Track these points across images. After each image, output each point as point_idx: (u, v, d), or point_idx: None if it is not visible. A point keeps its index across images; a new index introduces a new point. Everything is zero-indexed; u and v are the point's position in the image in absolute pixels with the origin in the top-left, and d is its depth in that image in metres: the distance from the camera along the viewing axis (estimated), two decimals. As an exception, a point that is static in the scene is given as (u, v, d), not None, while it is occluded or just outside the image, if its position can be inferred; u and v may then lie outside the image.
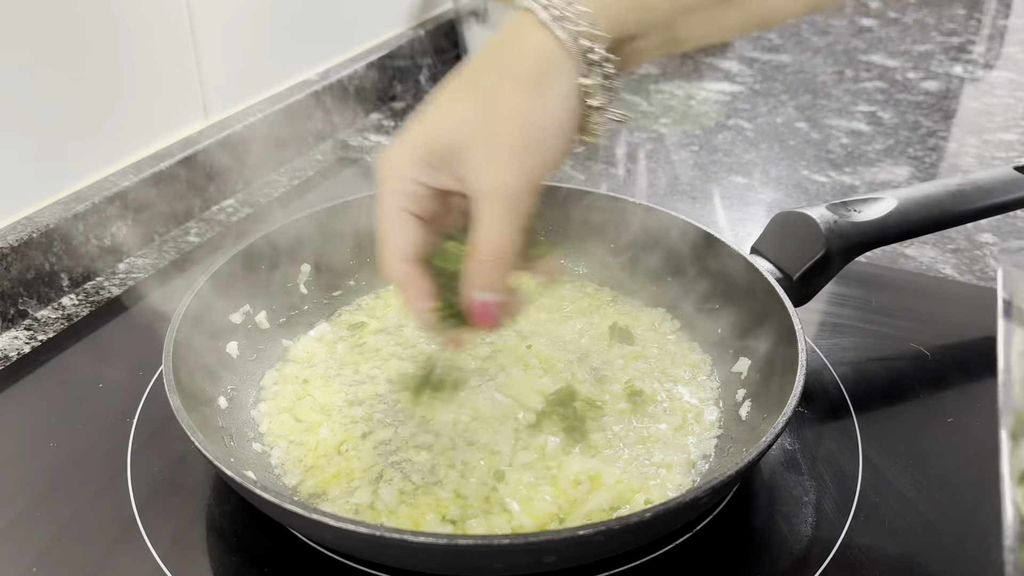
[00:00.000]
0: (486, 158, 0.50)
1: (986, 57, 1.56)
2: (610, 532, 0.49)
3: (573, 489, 0.61)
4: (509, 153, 0.50)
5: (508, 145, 0.50)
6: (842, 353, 0.78)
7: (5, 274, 0.79)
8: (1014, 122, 1.29)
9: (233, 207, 1.03)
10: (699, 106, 1.34)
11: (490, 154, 0.50)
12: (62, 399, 0.72)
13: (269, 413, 0.69)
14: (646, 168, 1.15)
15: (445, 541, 0.48)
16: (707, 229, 0.76)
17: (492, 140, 0.50)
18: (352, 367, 0.73)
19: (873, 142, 1.22)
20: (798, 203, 1.06)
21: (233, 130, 1.03)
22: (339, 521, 0.49)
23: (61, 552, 0.58)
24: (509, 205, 0.50)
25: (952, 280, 0.90)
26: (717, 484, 0.51)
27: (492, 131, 0.50)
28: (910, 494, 0.64)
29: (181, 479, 0.64)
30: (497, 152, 0.50)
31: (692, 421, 0.68)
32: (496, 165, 0.50)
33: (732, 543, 0.60)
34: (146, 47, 0.93)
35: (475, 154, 0.50)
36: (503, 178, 0.50)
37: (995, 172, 0.80)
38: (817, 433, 0.69)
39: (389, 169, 0.53)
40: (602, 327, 0.77)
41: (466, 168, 0.51)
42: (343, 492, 0.61)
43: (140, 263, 0.91)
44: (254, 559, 0.58)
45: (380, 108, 1.30)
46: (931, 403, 0.73)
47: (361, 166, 1.12)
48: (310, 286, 0.80)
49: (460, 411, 0.68)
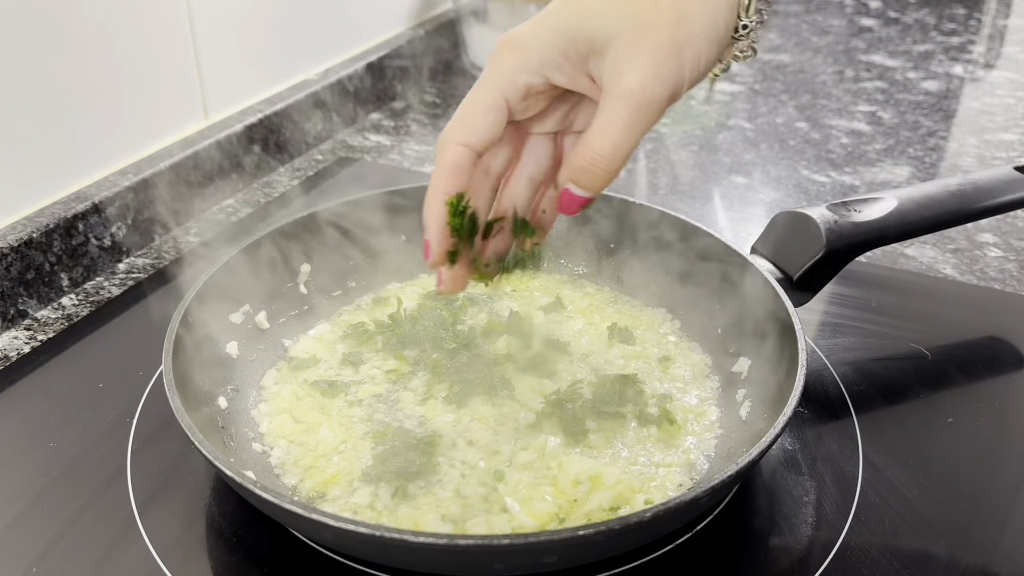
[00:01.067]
0: (630, 56, 0.46)
1: (986, 57, 1.56)
2: (610, 532, 0.49)
3: (573, 489, 0.61)
4: (656, 54, 0.46)
5: (657, 46, 0.46)
6: (842, 353, 0.78)
7: (5, 274, 0.79)
8: (1014, 122, 1.29)
9: (233, 207, 1.03)
10: (699, 106, 1.34)
11: (636, 52, 0.46)
12: (62, 399, 0.72)
13: (269, 413, 0.69)
14: (646, 168, 1.15)
15: (445, 541, 0.48)
16: (707, 229, 0.76)
17: (641, 37, 0.46)
18: (352, 367, 0.73)
19: (873, 142, 1.22)
20: (798, 203, 1.06)
21: (233, 130, 1.03)
22: (339, 521, 0.49)
23: (61, 552, 0.58)
24: (640, 111, 0.47)
25: (952, 280, 0.90)
26: (717, 484, 0.51)
27: (643, 29, 0.46)
28: (910, 494, 0.64)
29: (181, 479, 0.64)
30: (644, 52, 0.46)
31: (692, 421, 0.68)
32: (639, 66, 0.46)
33: (732, 543, 0.60)
34: (146, 47, 0.93)
35: (620, 50, 0.47)
36: (643, 82, 0.46)
37: (995, 172, 0.80)
38: (817, 433, 0.69)
39: (512, 50, 0.49)
40: (602, 327, 0.77)
41: (604, 64, 0.47)
42: (343, 492, 0.61)
43: (140, 263, 0.91)
44: (254, 559, 0.58)
45: (380, 108, 1.30)
46: (931, 403, 0.73)
47: (361, 166, 1.12)
48: (310, 286, 0.80)
49: (460, 411, 0.68)
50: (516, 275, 0.61)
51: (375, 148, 1.19)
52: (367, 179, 1.09)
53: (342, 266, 0.82)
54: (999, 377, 0.76)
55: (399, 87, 1.33)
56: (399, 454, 0.63)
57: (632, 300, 0.82)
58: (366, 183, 1.07)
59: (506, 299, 0.82)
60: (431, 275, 0.85)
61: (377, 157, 1.16)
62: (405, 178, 1.10)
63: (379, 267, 0.84)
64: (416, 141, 1.21)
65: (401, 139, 1.22)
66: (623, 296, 0.83)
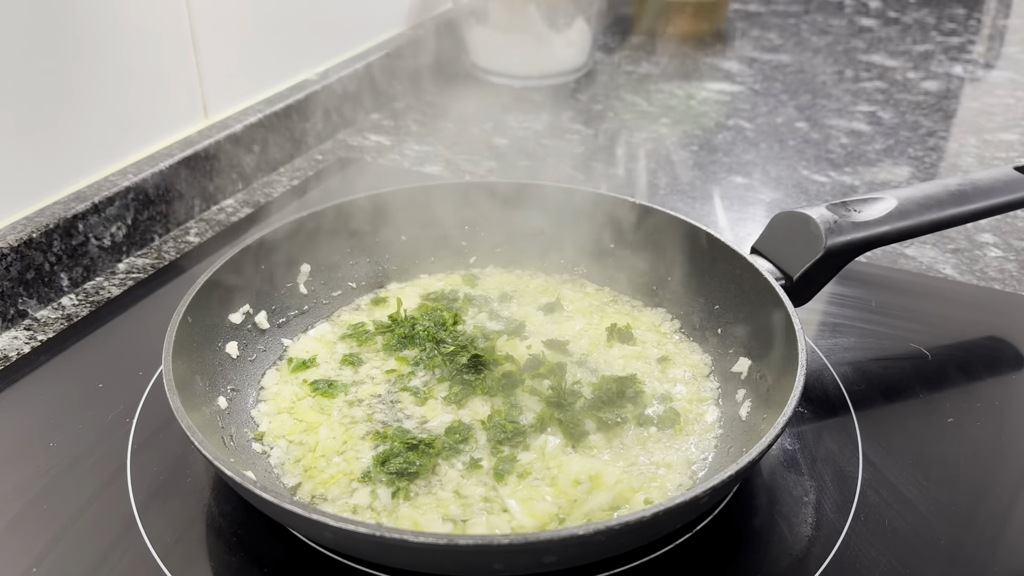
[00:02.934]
0: None
1: (986, 57, 1.56)
2: (610, 532, 0.49)
3: (573, 489, 0.61)
4: None
5: None
6: (842, 353, 0.78)
7: (5, 274, 0.79)
8: (1014, 122, 1.29)
9: (233, 207, 1.03)
10: (699, 106, 1.34)
11: None
12: (62, 399, 0.72)
13: (269, 413, 0.69)
14: (646, 168, 1.15)
15: (445, 541, 0.48)
16: (707, 229, 0.76)
17: None
18: (352, 367, 0.73)
19: (873, 142, 1.21)
20: (798, 203, 1.06)
21: (233, 130, 1.03)
22: (339, 521, 0.49)
23: (61, 552, 0.58)
24: None
25: (952, 280, 0.90)
26: (717, 484, 0.51)
27: None
28: (910, 494, 0.64)
29: (181, 479, 0.64)
30: None
31: (692, 421, 0.68)
32: None
33: (732, 543, 0.60)
34: (146, 47, 0.93)
35: None
36: None
37: (995, 172, 0.80)
38: (817, 433, 0.69)
39: None
40: (602, 327, 0.77)
41: None
42: (343, 492, 0.61)
43: (140, 263, 0.91)
44: (254, 559, 0.58)
45: (380, 108, 1.30)
46: (931, 403, 0.73)
47: (361, 166, 1.12)
48: (310, 286, 0.80)
49: (460, 411, 0.68)
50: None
51: (375, 148, 1.19)
52: (367, 179, 1.09)
53: (342, 266, 0.82)
54: (999, 377, 0.76)
55: (399, 87, 1.33)
56: (399, 454, 0.63)
57: (632, 300, 0.82)
58: (366, 183, 1.07)
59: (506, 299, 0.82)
60: (431, 275, 0.85)
61: (377, 157, 1.16)
62: (405, 178, 1.10)
63: (379, 267, 0.84)
64: (416, 141, 1.21)
65: (401, 139, 1.22)
66: (623, 296, 0.83)
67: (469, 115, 1.29)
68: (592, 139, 1.22)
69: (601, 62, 1.50)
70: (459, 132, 1.24)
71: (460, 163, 1.15)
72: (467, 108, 1.32)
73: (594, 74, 1.45)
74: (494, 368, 0.71)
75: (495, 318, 0.79)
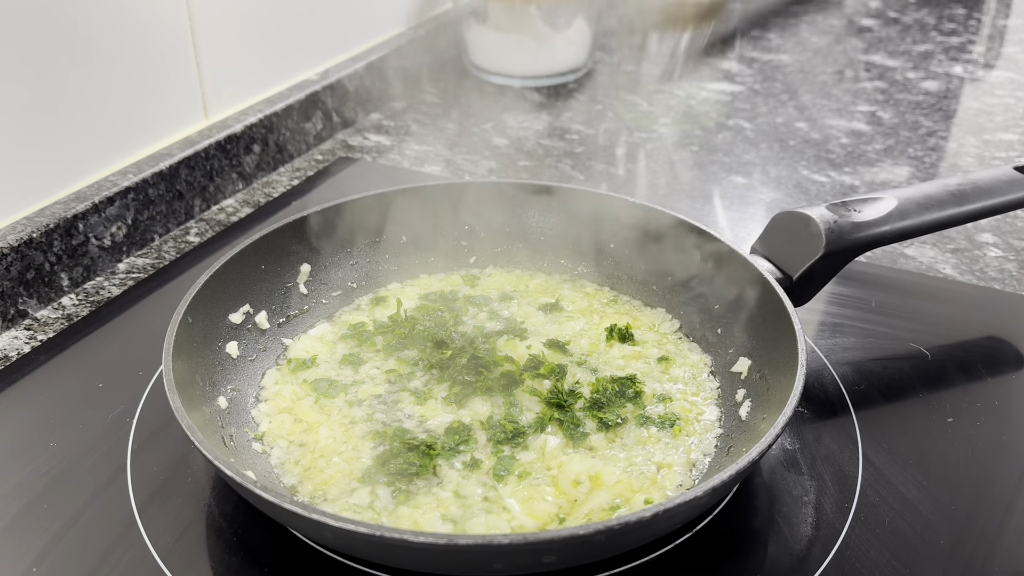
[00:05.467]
0: None
1: (986, 57, 1.56)
2: (610, 532, 0.49)
3: (573, 489, 0.61)
4: None
5: None
6: (842, 353, 0.78)
7: (5, 274, 0.79)
8: (1014, 122, 1.29)
9: (233, 207, 1.03)
10: (699, 106, 1.34)
11: None
12: (62, 399, 0.72)
13: (269, 413, 0.69)
14: (646, 168, 1.15)
15: (445, 541, 0.48)
16: (707, 229, 0.76)
17: None
18: (352, 367, 0.73)
19: (873, 142, 1.21)
20: (798, 203, 1.06)
21: (233, 130, 1.03)
22: (339, 521, 0.49)
23: (61, 552, 0.58)
24: None
25: (952, 280, 0.90)
26: (717, 484, 0.51)
27: None
28: (910, 494, 0.64)
29: (181, 479, 0.64)
30: None
31: (692, 421, 0.68)
32: None
33: (732, 543, 0.60)
34: (146, 47, 0.93)
35: None
36: None
37: (995, 172, 0.80)
38: (817, 433, 0.69)
39: None
40: (602, 327, 0.77)
41: None
42: (343, 492, 0.61)
43: (140, 263, 0.91)
44: (254, 559, 0.58)
45: (380, 108, 1.30)
46: (931, 403, 0.73)
47: (361, 166, 1.12)
48: (310, 286, 0.80)
49: (460, 411, 0.68)
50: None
51: (375, 148, 1.19)
52: (367, 179, 1.09)
53: (342, 266, 0.82)
54: (999, 377, 0.76)
55: (399, 87, 1.33)
56: (399, 455, 0.63)
57: (632, 300, 0.82)
58: (366, 183, 1.07)
59: (506, 299, 0.82)
60: (431, 275, 0.85)
61: (377, 157, 1.16)
62: (405, 178, 1.10)
63: (379, 267, 0.84)
64: (416, 141, 1.21)
65: (401, 139, 1.22)
66: (623, 296, 0.83)
67: (469, 115, 1.29)
68: (592, 139, 1.22)
69: (601, 62, 1.50)
70: (459, 132, 1.24)
71: (460, 163, 1.15)
72: (467, 108, 1.32)
73: (594, 74, 1.45)
74: (494, 368, 0.71)
75: (495, 318, 0.79)
